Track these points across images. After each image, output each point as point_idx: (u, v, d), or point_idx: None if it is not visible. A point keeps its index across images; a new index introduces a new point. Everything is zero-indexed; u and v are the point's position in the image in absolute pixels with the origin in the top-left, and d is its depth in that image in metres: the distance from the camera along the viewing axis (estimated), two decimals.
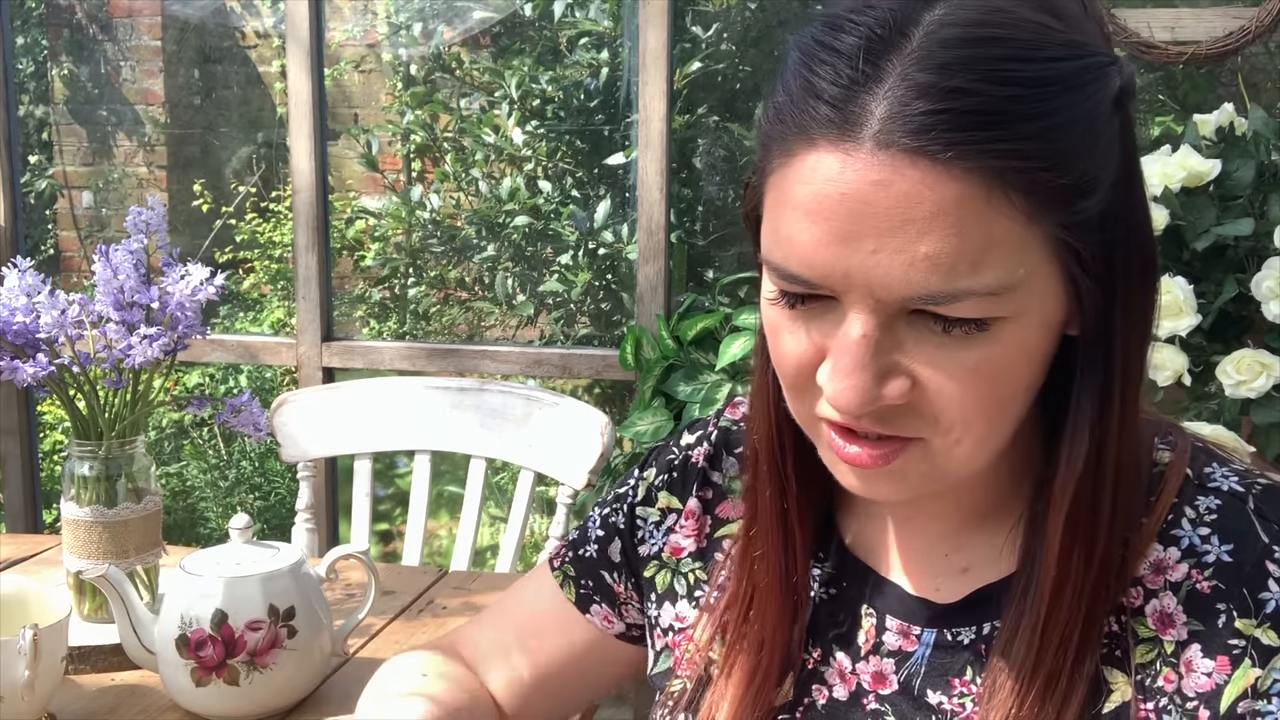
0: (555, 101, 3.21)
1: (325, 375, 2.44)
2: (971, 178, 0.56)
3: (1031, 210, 0.57)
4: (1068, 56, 0.58)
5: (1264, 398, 1.60)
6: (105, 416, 1.26)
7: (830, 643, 0.75)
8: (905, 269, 0.57)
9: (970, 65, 0.56)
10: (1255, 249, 1.66)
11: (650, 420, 2.20)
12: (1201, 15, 2.01)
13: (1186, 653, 0.64)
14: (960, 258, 0.56)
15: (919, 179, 0.56)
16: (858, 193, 0.57)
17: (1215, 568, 0.64)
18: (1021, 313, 0.59)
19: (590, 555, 0.88)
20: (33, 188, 3.95)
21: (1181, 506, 0.66)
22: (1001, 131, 0.56)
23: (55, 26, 3.95)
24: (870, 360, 0.59)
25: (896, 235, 0.56)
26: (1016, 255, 0.57)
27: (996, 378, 0.60)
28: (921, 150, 0.55)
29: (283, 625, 1.10)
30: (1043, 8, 0.59)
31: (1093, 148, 0.58)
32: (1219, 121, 1.76)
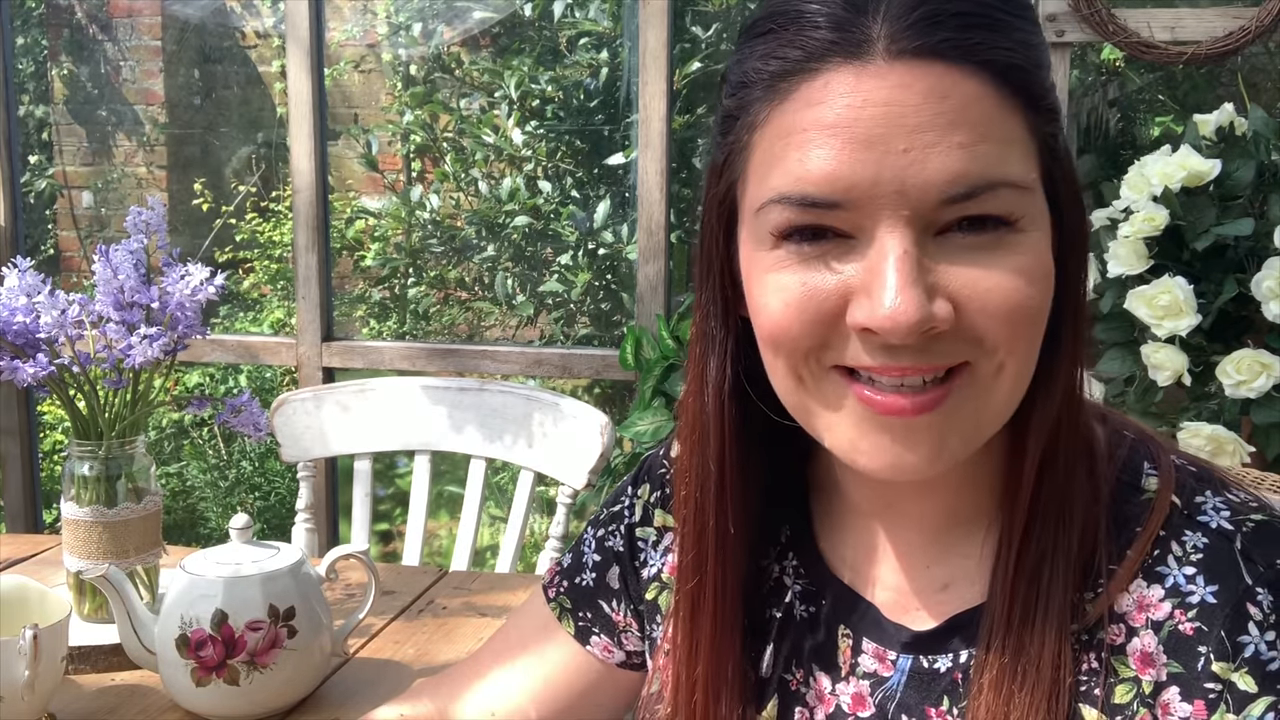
0: (555, 101, 3.21)
1: (325, 375, 2.44)
2: (984, 75, 0.58)
3: (1032, 117, 0.60)
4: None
5: (1264, 398, 1.60)
6: (105, 416, 1.26)
7: (810, 663, 0.73)
8: (942, 160, 0.57)
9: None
10: (1255, 249, 1.66)
11: (650, 420, 2.20)
12: (1201, 15, 2.01)
13: (1164, 694, 0.62)
14: (991, 147, 0.58)
15: (941, 78, 0.58)
16: (880, 98, 0.57)
17: (1199, 609, 0.62)
18: (1036, 221, 0.61)
19: (587, 584, 0.86)
20: (33, 188, 3.95)
21: (1169, 541, 0.64)
22: (997, 34, 0.59)
23: (55, 26, 3.95)
24: (915, 275, 0.58)
25: (927, 131, 0.57)
26: (1028, 158, 0.60)
27: (1030, 287, 0.60)
28: (934, 51, 0.58)
29: (283, 625, 1.10)
30: None
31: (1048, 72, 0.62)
32: (1219, 121, 1.76)
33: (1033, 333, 0.61)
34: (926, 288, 0.58)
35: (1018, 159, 0.59)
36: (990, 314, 0.59)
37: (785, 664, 0.74)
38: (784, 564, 0.76)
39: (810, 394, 0.64)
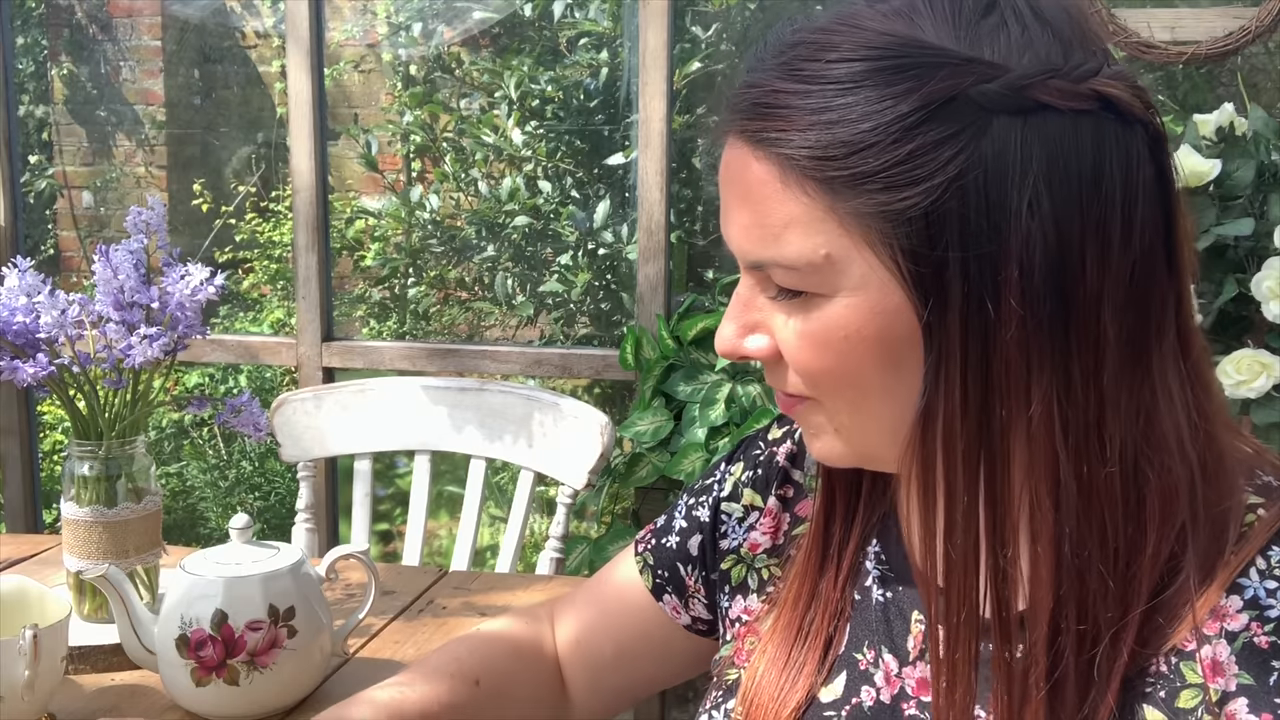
0: (555, 102, 3.21)
1: (325, 375, 2.44)
2: (769, 160, 0.63)
3: (826, 195, 0.62)
4: (865, 58, 0.61)
5: (1264, 398, 1.60)
6: (105, 416, 1.26)
7: (880, 645, 0.75)
8: (735, 235, 0.67)
9: (777, 64, 0.64)
10: (1255, 249, 1.66)
11: (650, 420, 2.20)
12: (1201, 15, 2.00)
13: (1231, 704, 0.61)
14: (765, 230, 0.64)
15: (737, 160, 0.65)
16: (721, 172, 0.67)
17: (1277, 623, 0.61)
18: (838, 293, 0.64)
19: (671, 546, 0.91)
20: (33, 188, 3.95)
21: (1255, 557, 0.64)
22: (784, 120, 0.62)
23: (55, 26, 3.95)
24: (736, 313, 0.69)
25: (731, 208, 0.67)
26: (816, 236, 0.63)
27: (825, 351, 0.65)
28: (737, 135, 0.65)
29: (283, 625, 1.10)
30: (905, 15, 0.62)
31: (894, 144, 0.60)
32: (1219, 121, 1.76)
33: (846, 389, 0.66)
34: (748, 324, 0.68)
35: (794, 241, 0.63)
36: (794, 363, 0.67)
37: (857, 644, 0.77)
38: (869, 549, 0.79)
39: None
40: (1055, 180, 0.60)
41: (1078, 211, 0.60)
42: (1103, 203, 0.61)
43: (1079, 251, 0.60)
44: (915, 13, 0.62)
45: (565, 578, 1.54)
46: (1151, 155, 0.63)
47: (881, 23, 0.62)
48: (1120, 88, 0.61)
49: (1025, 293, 0.60)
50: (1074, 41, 0.62)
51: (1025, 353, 0.61)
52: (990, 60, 0.60)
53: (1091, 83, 0.60)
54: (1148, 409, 0.64)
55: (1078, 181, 0.60)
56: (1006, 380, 0.62)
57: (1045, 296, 0.60)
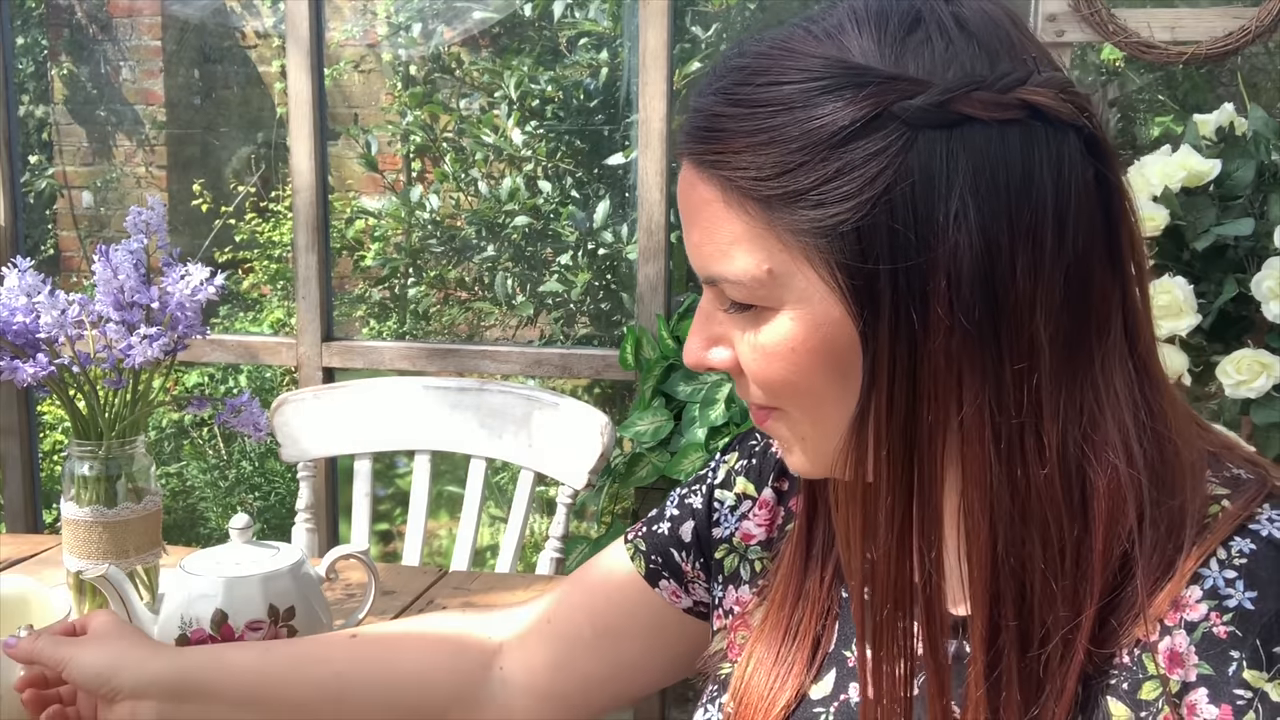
0: (555, 101, 3.21)
1: (325, 375, 2.44)
2: (712, 182, 0.66)
3: (764, 213, 0.65)
4: (793, 80, 0.63)
5: (1264, 398, 1.60)
6: (105, 416, 1.26)
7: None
8: (691, 252, 0.70)
9: (716, 89, 0.67)
10: (1255, 249, 1.66)
11: (650, 420, 2.20)
12: (1201, 15, 2.01)
13: (1191, 695, 0.61)
14: (713, 247, 0.67)
15: (687, 181, 0.68)
16: (678, 193, 0.70)
17: (1235, 613, 0.61)
18: (783, 306, 0.66)
19: (662, 532, 0.92)
20: (33, 188, 3.95)
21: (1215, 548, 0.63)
22: (720, 145, 0.65)
23: (55, 26, 3.95)
24: (700, 327, 0.71)
25: (686, 225, 0.70)
26: (758, 252, 0.65)
27: (775, 363, 0.67)
28: (687, 158, 0.68)
29: (283, 625, 1.10)
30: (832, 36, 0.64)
31: (823, 161, 0.62)
32: (1219, 121, 1.76)
33: (802, 400, 0.68)
34: (711, 337, 0.71)
35: (739, 257, 0.66)
36: (751, 374, 0.69)
37: (846, 641, 0.77)
38: None
39: None
40: (982, 191, 0.61)
41: (1006, 221, 0.61)
42: (1033, 210, 0.62)
43: (1009, 259, 0.62)
44: (843, 33, 0.64)
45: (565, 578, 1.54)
46: (1089, 158, 0.64)
47: (812, 45, 0.64)
48: (1048, 95, 0.62)
49: (953, 302, 0.62)
50: (1001, 52, 0.63)
51: (954, 359, 0.63)
52: (914, 76, 0.62)
53: (1018, 92, 0.61)
54: (1090, 409, 0.64)
55: (1006, 191, 0.61)
56: (934, 386, 0.63)
57: (974, 305, 0.62)
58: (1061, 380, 0.63)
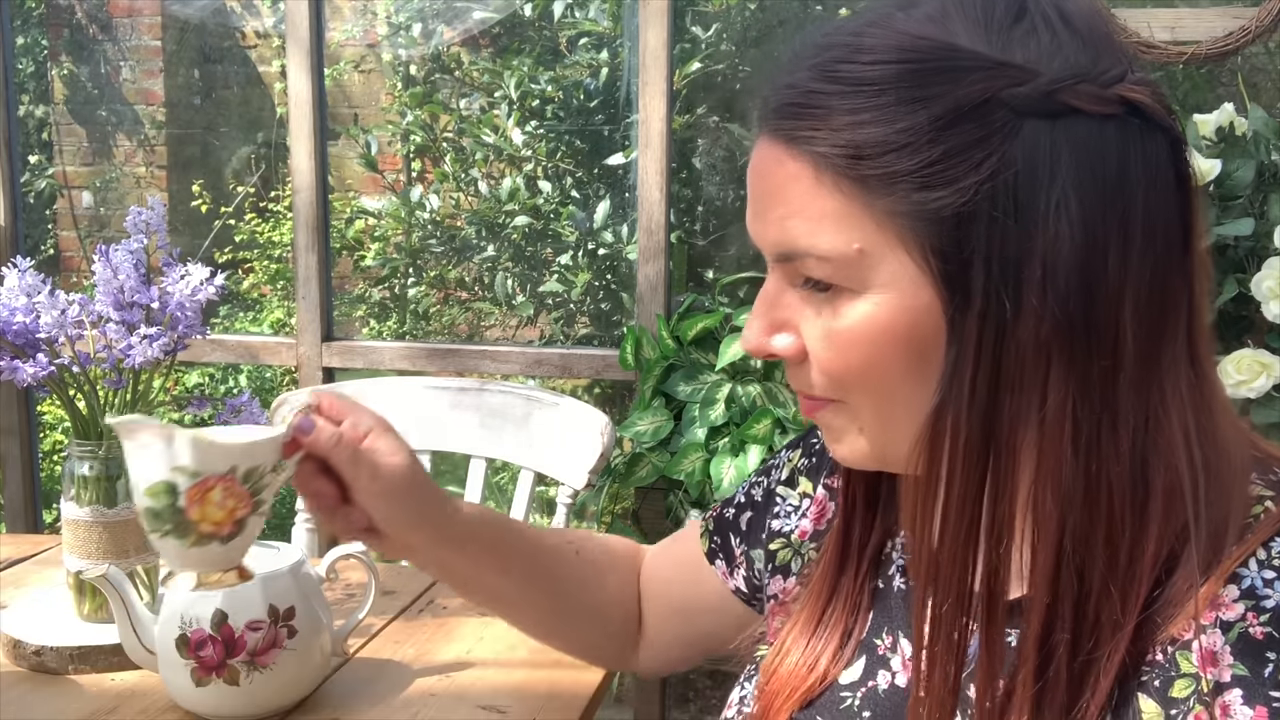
0: (555, 101, 3.21)
1: (325, 375, 2.44)
2: (802, 157, 0.65)
3: (860, 193, 0.64)
4: (900, 60, 0.63)
5: (1264, 398, 1.60)
6: (105, 416, 1.26)
7: (898, 631, 0.78)
8: (766, 227, 0.68)
9: (811, 65, 0.66)
10: (1255, 249, 1.66)
11: (650, 420, 2.20)
12: (1201, 15, 2.00)
13: (1225, 695, 0.61)
14: (801, 223, 0.66)
15: (772, 157, 0.67)
16: (752, 169, 0.69)
17: (1272, 614, 0.61)
18: (868, 290, 0.65)
19: (729, 517, 0.96)
20: (33, 188, 3.95)
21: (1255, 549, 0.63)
22: (819, 120, 0.64)
23: (55, 26, 3.95)
24: (764, 311, 0.70)
25: (762, 201, 0.68)
26: (849, 230, 0.65)
27: (852, 349, 0.66)
28: (772, 134, 0.67)
29: (283, 625, 1.10)
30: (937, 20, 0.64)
31: (928, 145, 0.62)
32: (1219, 121, 1.76)
33: (872, 388, 0.67)
34: (776, 321, 0.70)
35: (828, 233, 0.65)
36: (820, 360, 0.68)
37: (878, 630, 0.79)
38: (895, 540, 0.82)
39: None
40: (1083, 182, 0.62)
41: (1103, 213, 0.62)
42: (1126, 204, 0.62)
43: (1103, 251, 0.62)
44: (948, 18, 0.64)
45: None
46: (1172, 159, 0.65)
47: (915, 26, 0.64)
48: (1145, 93, 0.63)
49: (1048, 291, 0.62)
50: (1102, 47, 0.64)
51: (1043, 349, 0.62)
52: (1021, 65, 0.62)
53: (1118, 88, 0.62)
54: (1157, 409, 0.64)
55: (1104, 183, 0.62)
56: (1020, 375, 0.63)
57: (1069, 295, 0.62)
58: (1138, 376, 0.64)
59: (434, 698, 1.16)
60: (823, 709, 0.78)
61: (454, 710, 1.14)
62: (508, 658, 1.25)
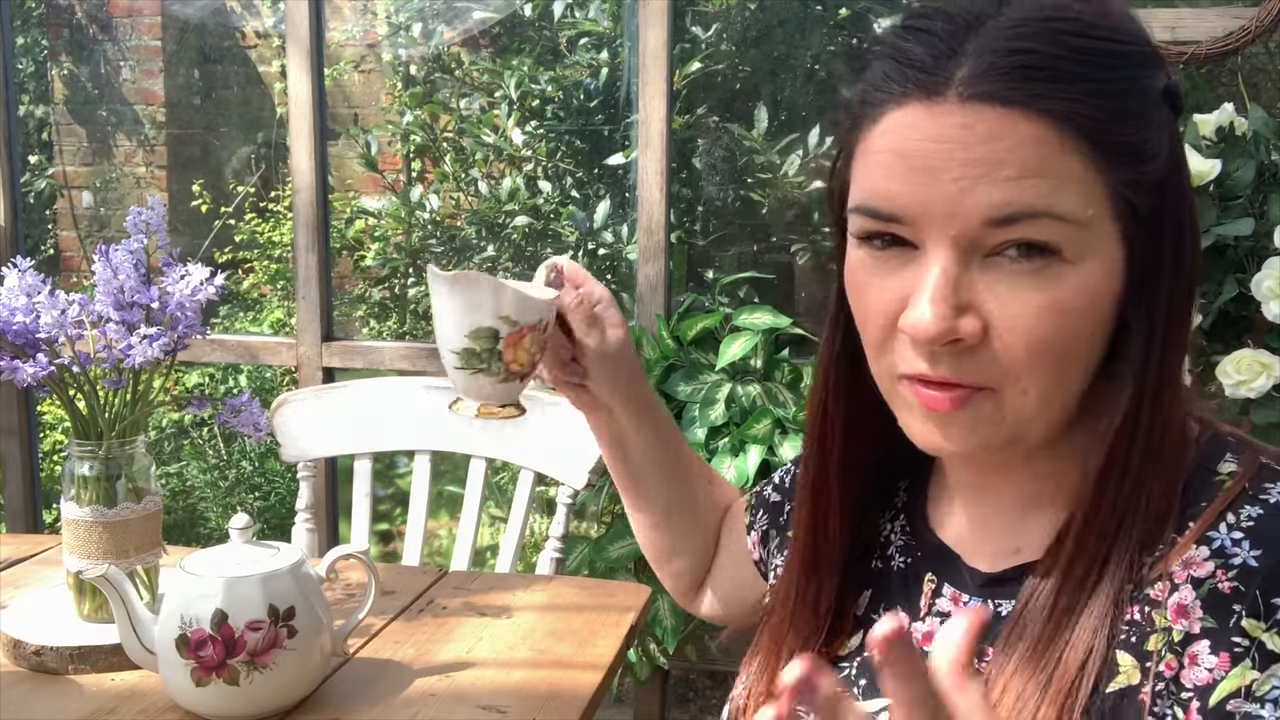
0: (555, 102, 3.21)
1: (325, 375, 2.44)
2: (1045, 120, 0.65)
3: (1099, 161, 0.66)
4: (1119, 39, 0.68)
5: (1264, 398, 1.60)
6: (105, 416, 1.26)
7: (896, 606, 0.82)
8: (988, 188, 0.65)
9: (1038, 34, 0.67)
10: (1255, 249, 1.66)
11: None
12: (1201, 15, 2.00)
13: (1194, 646, 0.65)
14: (1039, 181, 0.65)
15: (999, 121, 0.65)
16: (943, 135, 0.66)
17: (1240, 569, 0.66)
18: (1086, 257, 0.67)
19: (765, 494, 1.04)
20: (33, 188, 3.95)
21: (1227, 512, 0.68)
22: (1064, 85, 0.66)
23: (55, 26, 3.94)
24: (946, 294, 0.67)
25: (979, 166, 0.66)
26: (1086, 196, 0.66)
27: (1063, 320, 0.67)
28: (998, 97, 0.65)
29: (283, 625, 1.10)
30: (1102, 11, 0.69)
31: (1147, 120, 0.68)
32: (1219, 121, 1.76)
33: (1057, 363, 0.68)
34: (957, 304, 0.67)
35: (1069, 195, 0.66)
36: (1014, 340, 0.67)
37: (875, 606, 0.84)
38: (895, 524, 0.86)
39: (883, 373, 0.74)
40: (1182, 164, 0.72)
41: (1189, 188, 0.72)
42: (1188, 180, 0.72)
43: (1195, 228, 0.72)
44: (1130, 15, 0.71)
45: (565, 578, 1.54)
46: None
47: (1126, 18, 0.70)
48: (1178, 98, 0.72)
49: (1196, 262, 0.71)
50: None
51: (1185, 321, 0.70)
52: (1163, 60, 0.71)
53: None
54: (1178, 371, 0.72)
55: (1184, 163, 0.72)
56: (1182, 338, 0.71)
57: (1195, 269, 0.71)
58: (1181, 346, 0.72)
59: (434, 698, 1.16)
60: None
61: (454, 710, 1.14)
62: (508, 658, 1.26)
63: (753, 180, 2.91)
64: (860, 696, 0.80)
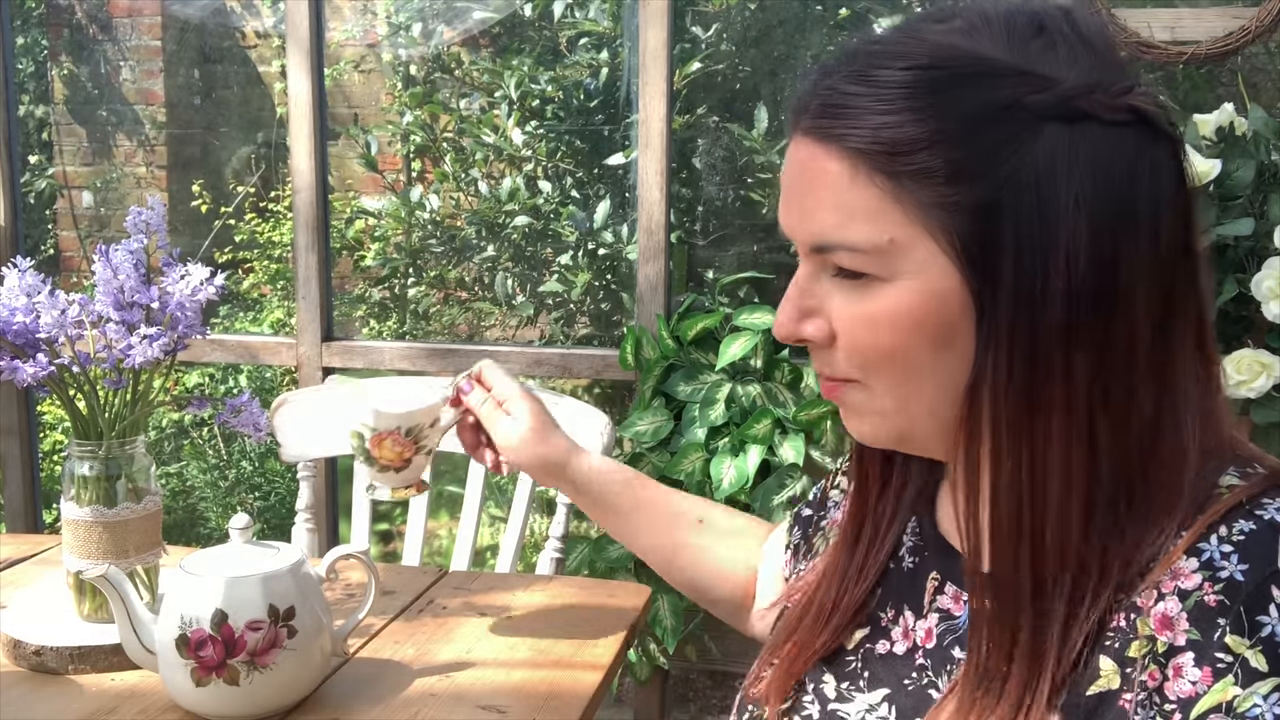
0: (555, 102, 3.21)
1: (325, 375, 2.44)
2: (840, 156, 0.71)
3: (893, 187, 0.70)
4: (932, 66, 0.69)
5: (1264, 398, 1.60)
6: (105, 416, 1.26)
7: (901, 603, 0.84)
8: (801, 219, 0.74)
9: (849, 70, 0.71)
10: (1255, 249, 1.66)
11: (650, 420, 2.20)
12: (1201, 15, 2.00)
13: (1178, 658, 0.66)
14: (834, 216, 0.72)
15: (809, 155, 0.73)
16: (790, 167, 0.75)
17: (1226, 583, 0.66)
18: (898, 277, 0.71)
19: (801, 514, 1.05)
20: (33, 188, 3.95)
21: (1219, 525, 0.68)
22: (855, 121, 0.70)
23: (55, 26, 3.94)
24: (796, 298, 0.76)
25: (798, 194, 0.74)
26: (881, 224, 0.70)
27: (881, 332, 0.72)
28: (809, 133, 0.73)
29: (283, 625, 1.10)
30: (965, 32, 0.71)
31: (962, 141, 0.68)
32: (1219, 121, 1.76)
33: (895, 369, 0.73)
34: (805, 309, 0.76)
35: (860, 227, 0.71)
36: (849, 345, 0.74)
37: (882, 603, 0.86)
38: (909, 525, 0.88)
39: None
40: (1098, 181, 0.68)
41: (1115, 211, 0.68)
42: (1135, 205, 0.69)
43: (1115, 245, 0.68)
44: (975, 31, 0.71)
45: (565, 578, 1.54)
46: (1174, 165, 0.71)
47: (945, 37, 0.71)
48: (1151, 104, 0.70)
49: (1070, 278, 0.68)
50: (1111, 63, 0.71)
51: (1068, 333, 0.68)
52: (1042, 74, 0.69)
53: (1128, 98, 0.69)
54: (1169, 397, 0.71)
55: (1116, 183, 0.68)
56: (1050, 359, 0.69)
57: (1088, 281, 0.68)
58: (1152, 365, 0.70)
59: (434, 698, 1.16)
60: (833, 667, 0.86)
61: (454, 710, 1.14)
62: (508, 658, 1.26)
63: (753, 180, 2.91)
64: (865, 689, 0.83)
